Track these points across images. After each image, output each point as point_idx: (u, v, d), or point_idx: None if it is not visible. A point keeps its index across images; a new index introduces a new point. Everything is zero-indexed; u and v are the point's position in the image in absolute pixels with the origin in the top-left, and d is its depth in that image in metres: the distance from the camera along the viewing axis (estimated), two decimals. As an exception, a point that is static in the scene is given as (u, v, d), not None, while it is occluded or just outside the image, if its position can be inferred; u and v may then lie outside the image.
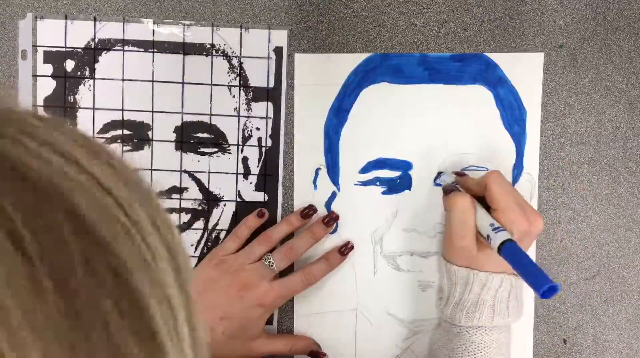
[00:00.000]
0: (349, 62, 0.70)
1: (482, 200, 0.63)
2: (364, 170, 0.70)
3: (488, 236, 0.59)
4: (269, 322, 0.70)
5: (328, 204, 0.71)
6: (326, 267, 0.68)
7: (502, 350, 0.63)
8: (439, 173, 0.70)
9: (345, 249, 0.69)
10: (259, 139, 0.71)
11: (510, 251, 0.57)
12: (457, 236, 0.62)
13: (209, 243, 0.72)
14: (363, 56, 0.70)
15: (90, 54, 0.71)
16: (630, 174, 0.71)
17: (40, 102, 0.71)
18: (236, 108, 0.71)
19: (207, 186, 0.71)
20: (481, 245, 0.61)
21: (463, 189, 0.65)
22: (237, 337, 0.65)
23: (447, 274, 0.64)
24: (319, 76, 0.70)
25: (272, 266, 0.66)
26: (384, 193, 0.70)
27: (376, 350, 0.71)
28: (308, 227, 0.69)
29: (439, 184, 0.69)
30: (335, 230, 0.70)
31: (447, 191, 0.65)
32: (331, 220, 0.69)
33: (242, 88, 0.71)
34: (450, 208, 0.63)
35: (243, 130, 0.71)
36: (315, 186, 0.71)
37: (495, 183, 0.61)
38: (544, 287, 0.52)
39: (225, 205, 0.72)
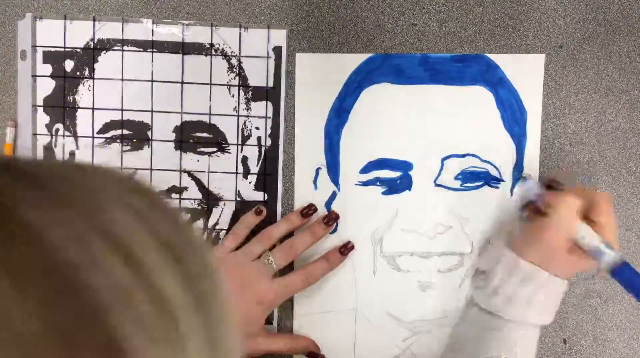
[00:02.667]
0: (350, 62, 0.70)
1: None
2: (365, 170, 0.70)
3: (597, 249, 0.59)
4: (269, 321, 0.70)
5: (328, 204, 0.71)
6: (326, 266, 0.68)
7: (534, 349, 0.64)
8: (523, 177, 0.69)
9: (345, 249, 0.69)
10: (259, 138, 0.71)
11: (625, 273, 0.58)
12: (557, 233, 0.61)
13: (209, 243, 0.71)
14: (364, 56, 0.70)
15: (89, 54, 0.71)
16: (630, 174, 0.71)
17: (39, 102, 0.71)
18: (235, 108, 0.71)
19: (206, 186, 0.71)
20: (569, 248, 0.61)
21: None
22: None
23: (507, 265, 0.63)
24: (320, 75, 0.70)
25: (271, 264, 0.66)
26: (384, 193, 0.70)
27: (375, 350, 0.71)
28: (308, 226, 0.69)
29: (524, 181, 0.68)
30: (335, 230, 0.70)
31: (546, 184, 0.66)
32: (331, 220, 0.69)
33: (241, 88, 0.71)
34: (559, 203, 0.61)
35: (242, 130, 0.71)
36: (316, 186, 0.71)
37: (608, 202, 0.62)
38: None
39: (224, 205, 0.71)
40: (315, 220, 0.69)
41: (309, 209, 0.69)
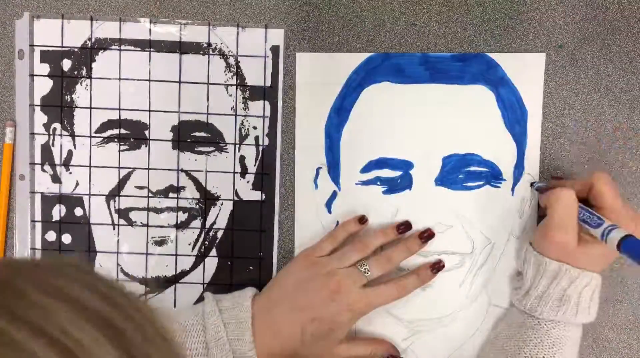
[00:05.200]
0: (350, 61, 0.70)
1: (583, 202, 0.63)
2: (365, 170, 0.70)
3: (603, 232, 0.58)
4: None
5: (329, 203, 0.70)
6: (417, 282, 0.68)
7: (575, 349, 0.64)
8: (532, 183, 0.70)
9: (436, 267, 0.69)
10: (256, 137, 0.71)
11: (633, 246, 0.56)
12: (559, 231, 0.61)
13: (206, 242, 0.71)
14: (364, 55, 0.70)
15: (87, 54, 0.70)
16: (630, 174, 0.71)
17: (37, 101, 0.71)
18: (233, 107, 0.71)
19: (204, 185, 0.71)
20: (581, 241, 0.62)
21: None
22: (323, 339, 0.65)
23: (536, 265, 0.64)
24: (320, 75, 0.70)
25: (367, 273, 0.66)
26: (384, 192, 0.70)
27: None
28: (404, 240, 0.69)
29: (537, 190, 0.68)
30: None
31: (543, 189, 0.66)
32: (428, 237, 0.69)
33: (238, 87, 0.71)
34: (553, 201, 0.62)
35: (240, 129, 0.71)
36: (316, 186, 0.70)
37: (605, 183, 0.62)
38: None
39: (222, 204, 0.71)
40: (411, 235, 0.69)
41: (405, 227, 0.69)
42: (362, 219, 0.69)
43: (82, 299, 0.33)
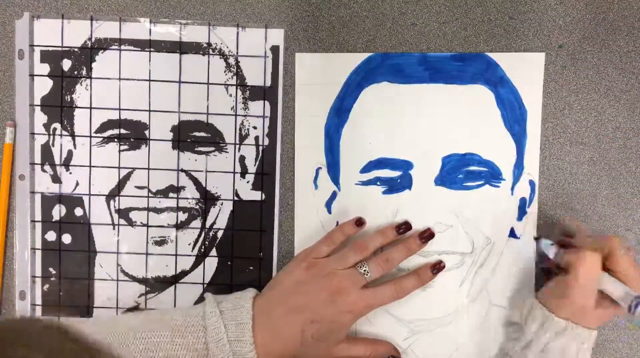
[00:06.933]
0: (349, 61, 0.70)
1: None
2: (365, 170, 0.70)
3: (630, 305, 0.59)
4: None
5: (328, 203, 0.70)
6: (417, 283, 0.68)
7: None
8: (536, 238, 0.70)
9: (436, 268, 0.69)
10: (256, 137, 0.71)
11: None
12: (582, 296, 0.61)
13: (206, 242, 0.71)
14: (364, 56, 0.70)
15: (87, 54, 0.70)
16: (630, 174, 0.71)
17: (37, 101, 0.71)
18: (233, 107, 0.71)
19: (204, 185, 0.71)
20: (596, 303, 0.62)
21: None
22: (323, 340, 0.65)
23: (542, 321, 0.63)
24: (319, 75, 0.70)
25: (366, 274, 0.66)
26: (384, 192, 0.70)
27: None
28: (403, 240, 0.69)
29: (539, 242, 0.69)
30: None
31: (559, 245, 0.66)
32: (428, 237, 0.69)
33: (238, 87, 0.71)
34: (579, 265, 0.62)
35: (240, 129, 0.71)
36: (316, 186, 0.70)
37: (624, 250, 0.62)
38: None
39: (222, 204, 0.71)
40: (410, 235, 0.69)
41: (405, 228, 0.69)
42: (360, 222, 0.69)
43: None
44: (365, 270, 0.66)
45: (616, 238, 0.63)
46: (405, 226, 0.69)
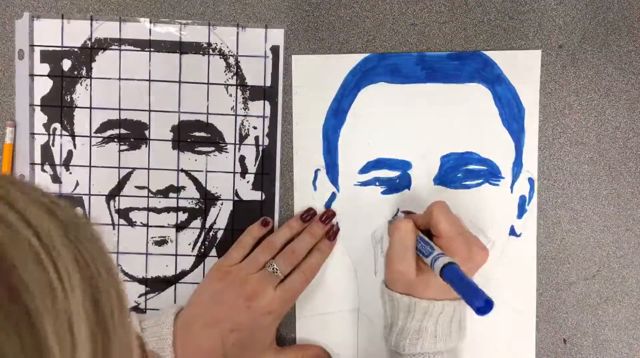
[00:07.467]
0: (346, 62, 0.70)
1: (429, 233, 0.64)
2: (364, 170, 0.70)
3: (431, 261, 0.59)
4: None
5: (328, 204, 0.70)
6: (320, 257, 0.68)
7: None
8: (396, 214, 0.70)
9: (332, 233, 0.69)
10: (256, 137, 0.71)
11: (450, 273, 0.57)
12: (396, 260, 0.62)
13: (206, 242, 0.71)
14: (361, 56, 0.70)
15: (87, 54, 0.71)
16: (630, 174, 0.70)
17: (37, 101, 0.71)
18: (233, 107, 0.71)
19: (204, 185, 0.71)
20: (421, 271, 0.62)
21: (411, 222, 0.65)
22: (247, 347, 0.65)
23: (390, 302, 0.64)
24: (316, 77, 0.70)
25: (276, 272, 0.66)
26: (383, 193, 0.70)
27: (378, 349, 0.71)
28: (307, 228, 0.69)
29: (391, 222, 0.69)
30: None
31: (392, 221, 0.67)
32: (328, 217, 0.69)
33: (238, 87, 0.71)
34: (393, 232, 0.63)
35: (240, 129, 0.71)
36: (315, 187, 0.70)
37: (439, 212, 0.62)
38: (480, 303, 0.53)
39: (222, 204, 0.71)
40: (313, 220, 0.69)
41: (308, 214, 0.69)
42: (266, 222, 0.69)
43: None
44: (274, 268, 0.66)
45: (436, 202, 0.63)
46: (310, 214, 0.69)
